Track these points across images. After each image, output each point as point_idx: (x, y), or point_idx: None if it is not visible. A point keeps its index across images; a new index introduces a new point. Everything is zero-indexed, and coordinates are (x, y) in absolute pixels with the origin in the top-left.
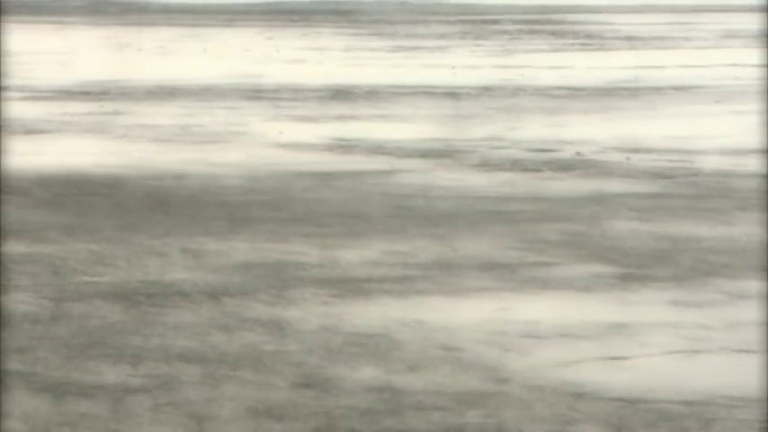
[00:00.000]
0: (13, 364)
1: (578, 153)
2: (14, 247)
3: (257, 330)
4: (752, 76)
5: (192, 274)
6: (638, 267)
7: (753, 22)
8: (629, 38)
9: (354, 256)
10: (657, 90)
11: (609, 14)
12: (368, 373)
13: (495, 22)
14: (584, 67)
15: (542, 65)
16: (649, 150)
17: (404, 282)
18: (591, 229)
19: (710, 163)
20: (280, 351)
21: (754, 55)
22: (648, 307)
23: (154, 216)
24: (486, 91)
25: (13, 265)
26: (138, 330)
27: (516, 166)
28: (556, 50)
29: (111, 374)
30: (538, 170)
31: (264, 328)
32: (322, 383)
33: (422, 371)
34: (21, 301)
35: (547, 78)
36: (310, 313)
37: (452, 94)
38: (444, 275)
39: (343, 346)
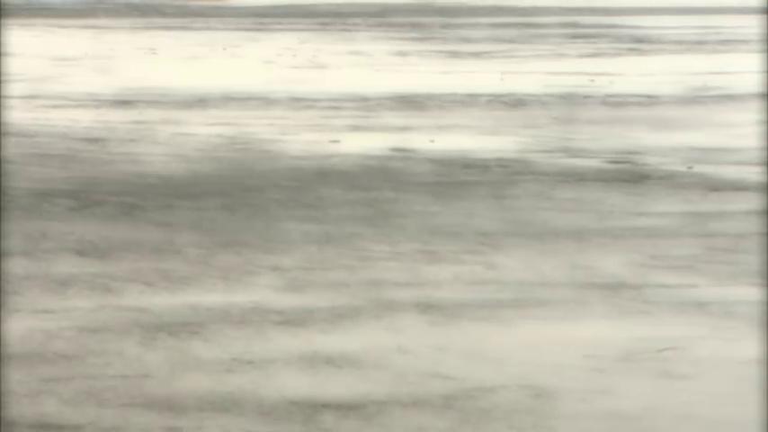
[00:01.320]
0: (19, 410)
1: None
2: (72, 268)
3: (329, 369)
4: None
5: (265, 296)
6: None
7: None
8: (680, 42)
9: (453, 275)
10: (733, 97)
11: (656, 17)
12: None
13: (535, 25)
14: (637, 73)
15: (593, 71)
16: (739, 162)
17: (511, 306)
18: (732, 247)
19: None
20: (354, 396)
21: None
22: None
23: (234, 230)
24: (541, 98)
25: (60, 287)
26: (184, 370)
27: (598, 176)
28: (602, 55)
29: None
30: (636, 182)
31: (339, 365)
32: None
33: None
34: (47, 332)
35: (603, 85)
36: (386, 349)
37: (505, 102)
38: (561, 298)
39: (422, 393)
